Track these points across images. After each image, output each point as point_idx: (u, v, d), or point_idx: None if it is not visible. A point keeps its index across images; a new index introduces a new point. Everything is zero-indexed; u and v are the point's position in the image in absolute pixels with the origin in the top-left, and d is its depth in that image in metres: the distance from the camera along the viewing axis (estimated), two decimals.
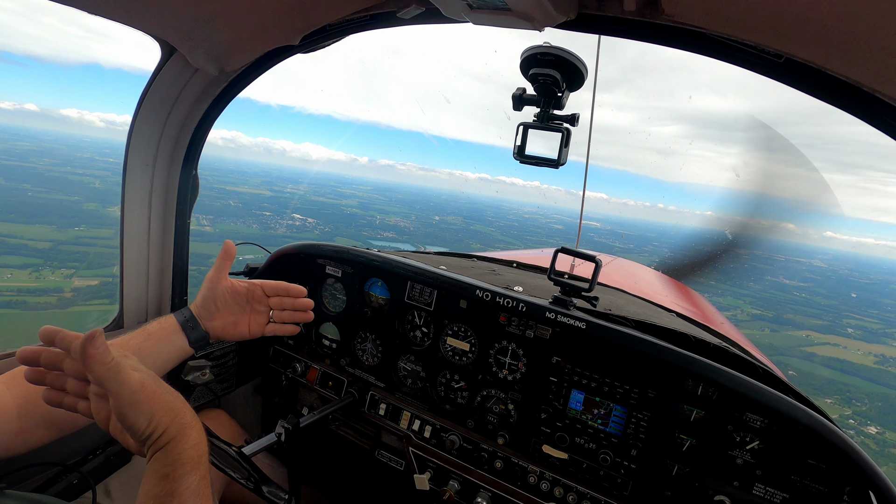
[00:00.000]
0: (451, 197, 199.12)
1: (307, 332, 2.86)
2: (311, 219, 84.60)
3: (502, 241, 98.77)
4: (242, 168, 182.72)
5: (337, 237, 77.97)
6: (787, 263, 75.48)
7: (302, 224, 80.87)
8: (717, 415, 1.90)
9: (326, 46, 2.04)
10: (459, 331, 2.42)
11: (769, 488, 1.83)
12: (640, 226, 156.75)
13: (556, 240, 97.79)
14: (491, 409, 2.36)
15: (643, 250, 69.54)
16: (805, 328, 63.92)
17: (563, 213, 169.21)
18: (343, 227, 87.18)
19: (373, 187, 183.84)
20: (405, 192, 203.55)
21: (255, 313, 1.79)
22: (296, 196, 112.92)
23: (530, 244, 27.40)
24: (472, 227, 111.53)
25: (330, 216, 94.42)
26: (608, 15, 1.39)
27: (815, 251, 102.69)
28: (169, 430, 1.05)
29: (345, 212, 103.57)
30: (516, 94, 1.88)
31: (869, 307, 78.91)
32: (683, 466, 1.96)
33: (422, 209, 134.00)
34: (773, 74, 1.29)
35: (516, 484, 2.23)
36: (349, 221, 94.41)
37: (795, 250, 48.92)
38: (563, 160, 1.87)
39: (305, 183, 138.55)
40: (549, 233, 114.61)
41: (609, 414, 2.09)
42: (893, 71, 1.07)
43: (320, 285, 2.81)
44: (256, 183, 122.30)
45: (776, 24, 1.16)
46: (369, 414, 2.59)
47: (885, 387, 46.70)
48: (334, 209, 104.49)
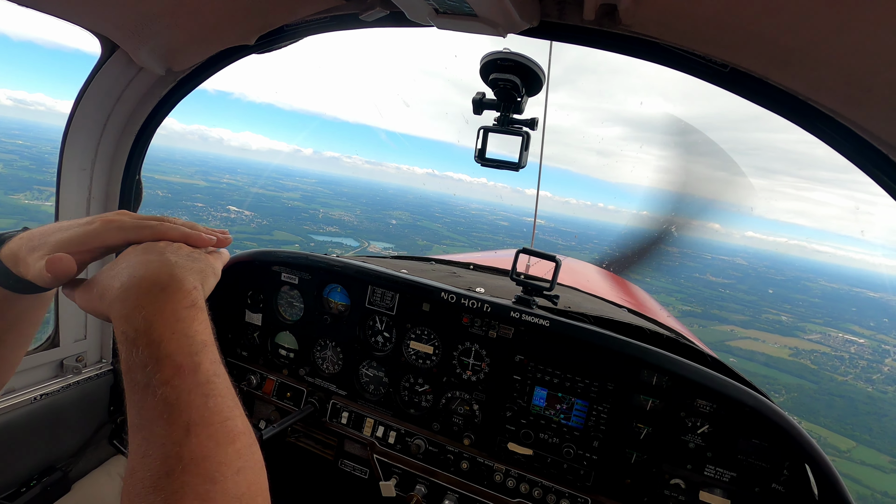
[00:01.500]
0: (399, 192, 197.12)
1: (262, 342, 2.74)
2: (249, 211, 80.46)
3: (449, 237, 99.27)
4: (174, 156, 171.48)
5: (276, 230, 74.72)
6: (713, 261, 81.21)
7: (238, 216, 76.89)
8: (671, 402, 2.02)
9: (283, 47, 1.96)
10: (422, 334, 2.41)
11: (719, 468, 1.97)
12: (582, 224, 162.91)
13: (502, 237, 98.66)
14: (456, 411, 2.37)
15: (584, 248, 72.23)
16: (729, 323, 68.50)
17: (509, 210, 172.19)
18: (283, 221, 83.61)
19: (318, 180, 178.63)
20: (351, 186, 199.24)
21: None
22: (233, 187, 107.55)
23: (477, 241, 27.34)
24: (418, 222, 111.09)
25: (269, 209, 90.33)
26: (568, 23, 1.43)
27: (737, 250, 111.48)
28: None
29: (286, 205, 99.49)
30: (476, 98, 1.90)
31: (784, 302, 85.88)
32: (641, 454, 2.07)
33: (368, 203, 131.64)
34: (719, 82, 1.39)
35: (483, 483, 2.25)
36: (290, 214, 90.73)
37: (721, 249, 52.88)
38: (523, 163, 1.92)
39: (244, 173, 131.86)
40: (495, 229, 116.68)
41: (571, 408, 2.16)
42: (828, 82, 1.18)
43: (275, 293, 2.70)
44: (190, 172, 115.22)
45: (723, 36, 1.24)
46: (331, 423, 2.52)
47: (799, 377, 50.95)
48: (274, 201, 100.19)
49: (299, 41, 1.86)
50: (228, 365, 2.76)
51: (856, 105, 1.16)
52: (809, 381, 50.81)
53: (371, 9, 1.55)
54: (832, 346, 64.20)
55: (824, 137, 1.26)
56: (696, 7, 1.18)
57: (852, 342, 66.50)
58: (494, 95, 1.86)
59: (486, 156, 1.95)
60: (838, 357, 60.83)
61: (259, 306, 2.72)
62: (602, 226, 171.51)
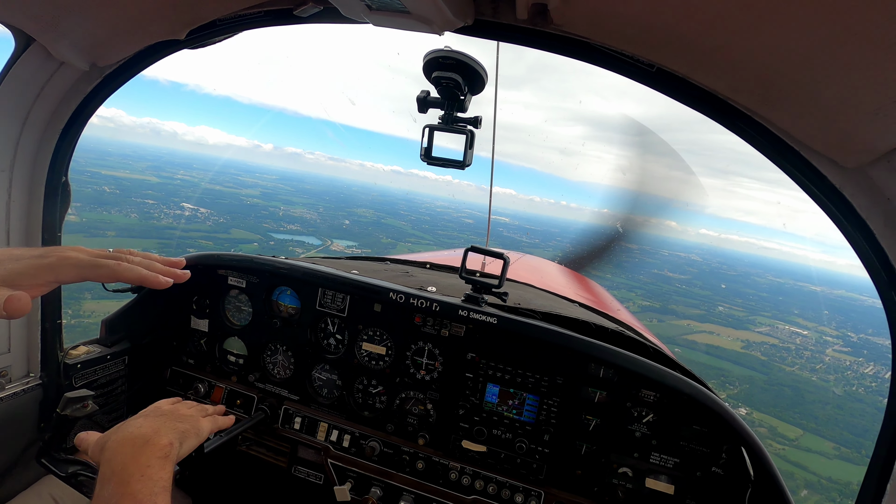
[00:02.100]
0: (363, 189, 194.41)
1: (210, 348, 2.64)
2: (204, 209, 77.25)
3: (413, 235, 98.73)
4: (125, 150, 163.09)
5: (233, 228, 72.27)
6: (670, 258, 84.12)
7: (192, 214, 74.10)
8: (617, 394, 2.07)
9: (218, 42, 1.89)
10: (375, 335, 2.39)
11: (663, 455, 2.04)
12: (546, 222, 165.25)
13: (466, 234, 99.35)
14: (410, 411, 2.36)
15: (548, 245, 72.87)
16: (686, 317, 71.14)
17: (473, 207, 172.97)
18: (241, 219, 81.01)
19: (279, 176, 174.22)
20: (313, 183, 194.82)
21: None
22: (188, 183, 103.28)
23: (441, 238, 27.26)
24: (383, 220, 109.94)
25: (226, 206, 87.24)
26: (503, 22, 1.44)
27: (692, 246, 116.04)
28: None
29: (244, 202, 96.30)
30: (420, 96, 1.89)
31: (735, 297, 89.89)
32: (591, 445, 2.12)
33: (331, 201, 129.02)
34: (647, 82, 1.42)
35: (438, 482, 2.25)
36: (248, 212, 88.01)
37: (677, 245, 54.84)
38: (468, 161, 1.93)
39: (201, 169, 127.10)
40: (461, 227, 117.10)
41: (523, 403, 2.19)
42: (744, 82, 1.23)
43: (222, 298, 2.61)
44: (141, 168, 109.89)
45: (648, 37, 1.27)
46: (283, 429, 2.46)
47: (751, 369, 53.32)
48: (233, 199, 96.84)
49: (234, 36, 1.80)
50: (174, 374, 2.66)
51: (769, 104, 1.21)
52: (760, 372, 53.14)
53: (304, 4, 1.51)
54: (780, 337, 67.46)
55: (743, 135, 1.31)
56: (621, 7, 1.21)
57: (798, 334, 70.00)
58: (438, 94, 1.86)
59: (431, 154, 1.94)
60: (786, 348, 63.85)
61: (205, 312, 2.62)
62: (565, 223, 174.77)
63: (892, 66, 0.90)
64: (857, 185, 1.23)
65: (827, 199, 1.27)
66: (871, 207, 1.22)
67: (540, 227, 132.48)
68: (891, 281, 1.25)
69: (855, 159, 1.18)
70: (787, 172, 1.29)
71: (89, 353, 2.22)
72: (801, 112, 1.17)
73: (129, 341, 2.39)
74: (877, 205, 1.22)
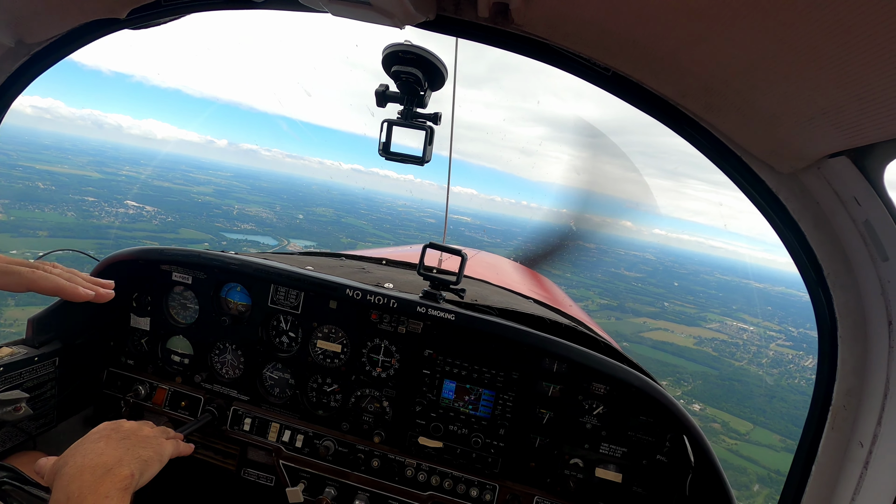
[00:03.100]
0: (323, 187, 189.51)
1: (151, 348, 2.50)
2: (151, 206, 73.15)
3: (374, 234, 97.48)
4: (63, 144, 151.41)
5: (182, 228, 68.87)
6: (626, 257, 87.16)
7: (137, 213, 70.04)
8: (570, 387, 2.13)
9: (163, 23, 1.78)
10: (330, 332, 2.34)
11: (612, 445, 2.13)
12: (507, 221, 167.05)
13: (428, 233, 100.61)
14: (366, 409, 2.33)
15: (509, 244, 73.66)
16: (642, 315, 73.39)
17: (435, 206, 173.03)
18: (191, 218, 77.21)
19: (234, 173, 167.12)
20: (271, 181, 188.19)
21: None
22: (134, 180, 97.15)
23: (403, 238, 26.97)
24: (343, 219, 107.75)
25: (175, 204, 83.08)
26: (464, 19, 1.44)
27: (646, 245, 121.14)
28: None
29: (195, 200, 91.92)
30: (379, 90, 1.87)
31: (687, 294, 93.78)
32: (544, 438, 2.17)
33: (289, 199, 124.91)
34: (603, 85, 1.47)
35: (394, 480, 2.24)
36: (200, 211, 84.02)
37: (632, 245, 56.93)
38: (427, 157, 1.92)
39: (149, 165, 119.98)
40: (422, 226, 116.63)
41: (479, 399, 2.21)
42: (691, 89, 1.29)
43: (166, 294, 2.48)
44: (82, 163, 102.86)
45: (603, 41, 1.31)
46: (232, 431, 2.37)
47: (703, 365, 55.31)
48: (183, 196, 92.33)
49: (181, 18, 1.70)
50: (112, 376, 2.49)
51: (713, 111, 1.28)
52: (712, 367, 55.30)
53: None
54: (729, 333, 70.50)
55: (690, 139, 1.38)
56: (579, 11, 1.23)
57: (744, 329, 73.56)
58: (397, 88, 1.84)
59: (390, 149, 1.92)
60: (734, 343, 66.79)
61: (147, 309, 2.47)
62: (526, 222, 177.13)
63: (823, 79, 0.96)
64: (791, 190, 1.32)
65: (764, 201, 1.35)
66: (803, 210, 1.32)
67: (501, 227, 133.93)
68: (819, 279, 1.35)
69: (789, 165, 1.27)
70: (729, 175, 1.37)
71: (13, 355, 2.04)
72: (742, 119, 1.24)
73: (60, 341, 2.21)
74: (807, 208, 1.31)
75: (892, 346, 1.26)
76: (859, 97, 0.92)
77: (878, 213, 1.16)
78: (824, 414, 1.39)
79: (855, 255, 1.28)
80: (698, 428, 1.96)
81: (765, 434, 41.44)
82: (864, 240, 1.24)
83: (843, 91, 0.94)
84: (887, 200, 1.13)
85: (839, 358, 1.35)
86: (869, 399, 1.31)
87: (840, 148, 1.12)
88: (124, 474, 1.22)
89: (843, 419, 1.37)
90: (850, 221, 1.24)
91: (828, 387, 1.38)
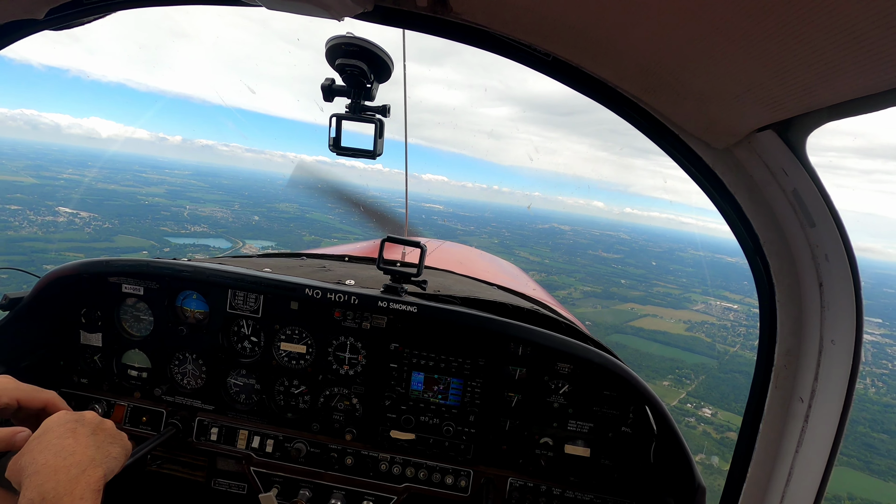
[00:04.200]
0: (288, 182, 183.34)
1: (106, 364, 2.39)
2: (86, 212, 67.77)
3: (341, 229, 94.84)
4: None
5: (119, 235, 64.20)
6: (601, 237, 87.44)
7: (69, 220, 64.84)
8: (536, 369, 2.18)
9: (87, 23, 1.68)
10: (294, 334, 2.30)
11: (579, 422, 2.19)
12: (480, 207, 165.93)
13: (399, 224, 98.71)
14: (336, 408, 2.32)
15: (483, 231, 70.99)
16: (628, 300, 71.64)
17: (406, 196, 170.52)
18: (133, 222, 72.17)
19: (192, 171, 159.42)
20: (232, 177, 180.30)
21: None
22: (76, 184, 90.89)
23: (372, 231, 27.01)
24: (307, 214, 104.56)
25: (117, 208, 77.55)
26: (403, 9, 1.42)
27: (619, 225, 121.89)
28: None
29: (142, 202, 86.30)
30: (325, 84, 1.83)
31: (666, 274, 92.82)
32: (514, 420, 2.22)
33: (250, 196, 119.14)
34: (545, 70, 1.48)
35: (369, 475, 2.24)
36: (145, 214, 78.66)
37: (605, 225, 56.69)
38: (379, 150, 1.90)
39: (97, 167, 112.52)
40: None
41: (448, 388, 2.23)
42: (628, 71, 1.33)
43: (116, 308, 2.37)
44: (16, 167, 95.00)
45: (541, 27, 1.32)
46: (199, 442, 2.31)
47: (700, 355, 52.81)
48: (127, 199, 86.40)
49: (106, 16, 1.61)
50: (65, 396, 2.37)
51: (650, 91, 1.32)
52: (710, 357, 52.65)
53: None
54: (715, 314, 68.87)
55: (631, 120, 1.42)
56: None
57: (730, 309, 72.38)
58: (343, 82, 1.81)
59: (341, 144, 1.89)
60: (723, 325, 65.27)
61: (97, 325, 2.36)
62: (499, 208, 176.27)
63: (746, 58, 1.00)
64: (726, 164, 1.38)
65: (702, 176, 1.41)
66: (738, 183, 1.38)
67: (474, 213, 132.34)
68: (755, 247, 1.42)
69: (722, 141, 1.32)
70: (669, 153, 1.42)
71: None
72: (677, 99, 1.29)
73: (3, 365, 2.09)
74: (742, 181, 1.38)
75: (824, 307, 1.34)
76: (777, 73, 0.97)
77: (803, 183, 1.23)
78: (767, 374, 1.47)
79: (786, 223, 1.35)
80: (659, 399, 2.04)
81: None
82: (793, 208, 1.31)
83: (763, 68, 0.99)
84: (810, 170, 1.20)
85: (778, 321, 1.43)
86: (806, 357, 1.40)
87: (766, 122, 1.17)
88: (98, 476, 1.22)
89: (784, 378, 1.45)
90: (780, 192, 1.31)
91: (769, 348, 1.46)
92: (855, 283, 1.26)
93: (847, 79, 0.90)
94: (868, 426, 38.37)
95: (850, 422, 1.34)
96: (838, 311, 1.31)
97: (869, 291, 1.35)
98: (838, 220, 1.24)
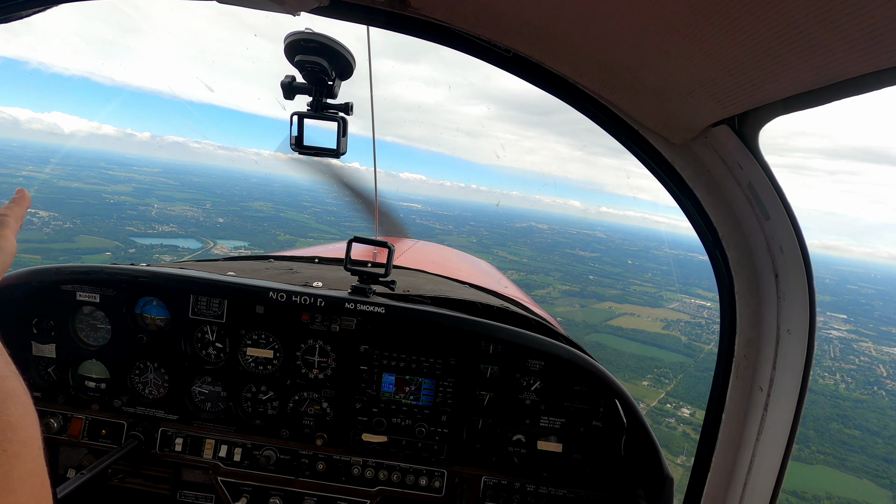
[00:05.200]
0: (264, 180, 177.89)
1: (60, 376, 2.28)
2: (45, 212, 62.96)
3: (317, 229, 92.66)
4: None
5: (81, 235, 60.55)
6: (578, 236, 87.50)
7: (26, 220, 60.67)
8: (507, 367, 2.18)
9: (29, 15, 1.59)
10: (260, 339, 2.24)
11: (551, 418, 2.20)
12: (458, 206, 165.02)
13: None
14: (306, 413, 2.27)
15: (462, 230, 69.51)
16: (606, 299, 70.87)
17: (384, 195, 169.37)
18: (96, 222, 68.08)
19: (163, 169, 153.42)
20: (204, 175, 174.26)
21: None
22: (35, 182, 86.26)
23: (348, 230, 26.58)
24: (282, 213, 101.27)
25: (80, 207, 73.15)
26: (360, 3, 1.39)
27: (595, 224, 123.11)
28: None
29: (107, 200, 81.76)
30: (285, 81, 1.78)
31: (643, 272, 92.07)
32: (487, 419, 2.21)
33: (223, 195, 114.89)
34: (506, 67, 1.47)
35: (341, 480, 2.20)
36: (109, 213, 74.42)
37: (582, 224, 56.75)
38: (342, 149, 1.86)
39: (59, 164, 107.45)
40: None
41: (419, 389, 2.21)
42: (586, 67, 1.33)
43: (71, 317, 2.26)
44: None
45: (500, 23, 1.31)
46: (163, 454, 2.23)
47: (677, 353, 51.94)
48: (91, 197, 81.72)
49: (48, 9, 1.53)
50: None
51: (609, 87, 1.32)
52: (686, 355, 51.69)
53: None
54: (690, 312, 68.11)
55: (591, 116, 1.42)
56: None
57: (703, 307, 70.83)
58: (304, 79, 1.76)
59: (303, 143, 1.84)
60: (698, 324, 64.08)
61: (50, 335, 2.25)
62: (477, 206, 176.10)
63: (697, 53, 1.01)
64: (685, 159, 1.40)
65: (662, 171, 1.42)
66: (696, 178, 1.40)
67: (453, 212, 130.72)
68: (714, 240, 1.44)
69: (680, 136, 1.34)
70: (630, 149, 1.42)
71: None
72: (634, 94, 1.29)
73: None
74: (700, 175, 1.40)
75: (780, 297, 1.37)
76: (727, 68, 0.98)
77: (757, 176, 1.25)
78: (729, 365, 1.50)
79: (743, 216, 1.38)
80: (627, 392, 2.06)
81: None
82: (749, 201, 1.33)
83: (714, 63, 1.00)
84: (763, 163, 1.23)
85: (737, 312, 1.46)
86: (765, 347, 1.44)
87: (720, 117, 1.19)
88: None
89: (744, 368, 1.49)
90: (736, 185, 1.34)
91: (730, 340, 1.49)
92: (808, 273, 1.29)
93: (793, 73, 0.92)
94: (841, 422, 38.89)
95: (804, 416, 1.37)
96: (794, 302, 1.34)
97: (833, 288, 1.37)
98: (791, 213, 1.27)
